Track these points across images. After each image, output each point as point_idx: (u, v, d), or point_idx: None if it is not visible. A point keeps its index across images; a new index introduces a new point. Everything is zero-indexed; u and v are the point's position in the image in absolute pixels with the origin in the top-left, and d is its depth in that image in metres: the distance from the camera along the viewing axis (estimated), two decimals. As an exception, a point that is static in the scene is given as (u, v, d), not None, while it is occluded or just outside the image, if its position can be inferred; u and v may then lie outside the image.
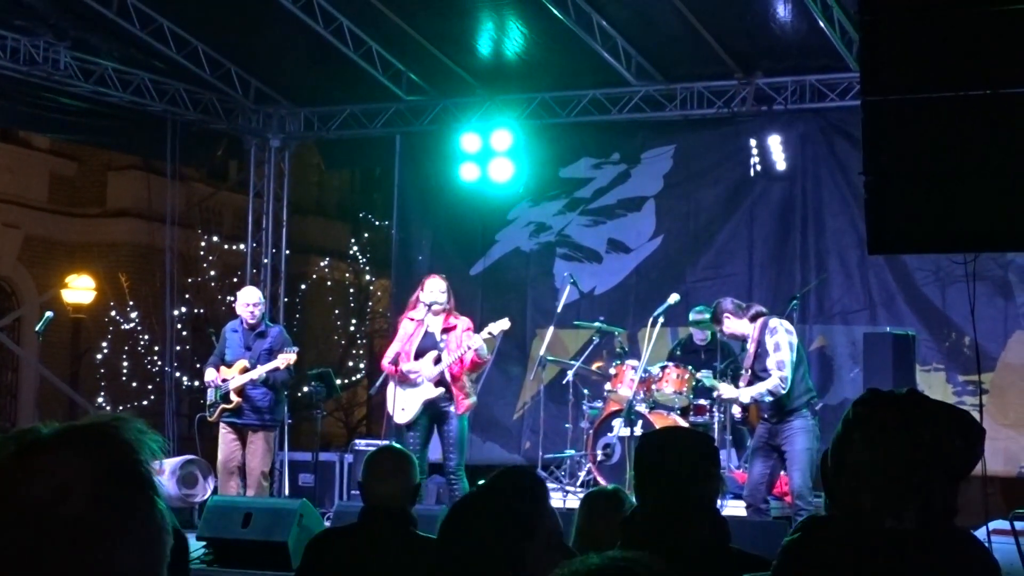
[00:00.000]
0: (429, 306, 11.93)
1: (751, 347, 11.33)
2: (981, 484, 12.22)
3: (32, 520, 1.59)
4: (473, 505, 3.69)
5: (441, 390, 11.81)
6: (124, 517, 1.64)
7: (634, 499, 4.78)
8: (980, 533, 9.42)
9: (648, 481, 4.54)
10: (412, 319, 12.10)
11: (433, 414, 11.91)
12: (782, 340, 11.12)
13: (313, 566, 5.80)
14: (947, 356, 15.13)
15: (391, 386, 12.12)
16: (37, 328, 14.47)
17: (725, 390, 11.78)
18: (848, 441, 2.99)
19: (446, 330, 11.94)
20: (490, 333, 11.93)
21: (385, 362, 12.18)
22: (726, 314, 11.44)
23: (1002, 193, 7.32)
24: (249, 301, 13.18)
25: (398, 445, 7.15)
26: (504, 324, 11.94)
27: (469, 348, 11.69)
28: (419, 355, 11.92)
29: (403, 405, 11.97)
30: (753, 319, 11.38)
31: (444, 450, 11.94)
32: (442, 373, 11.79)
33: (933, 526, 2.86)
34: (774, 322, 11.30)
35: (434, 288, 12.00)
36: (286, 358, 12.76)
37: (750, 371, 11.32)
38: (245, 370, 12.82)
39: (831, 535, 2.97)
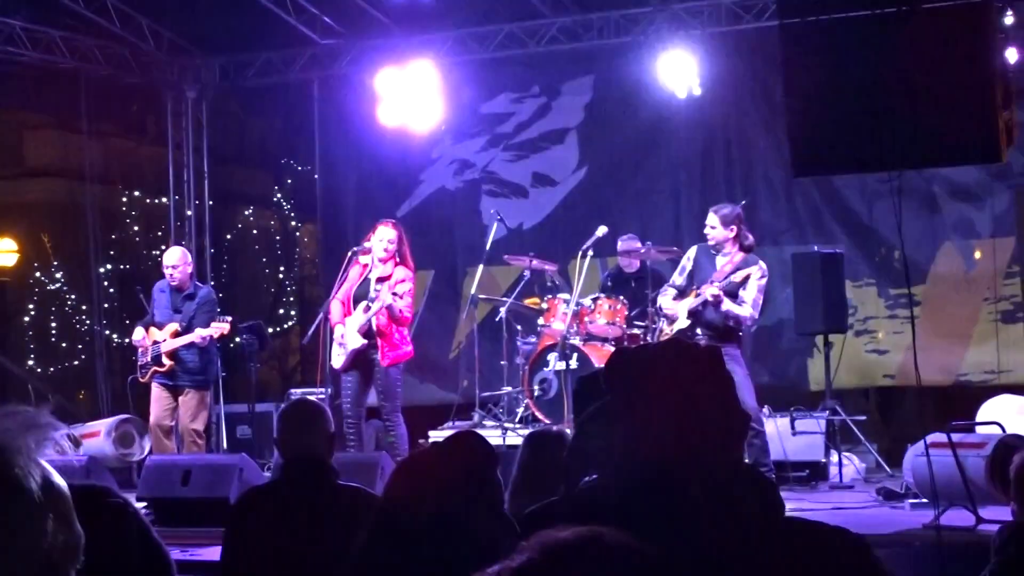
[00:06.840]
0: (368, 252, 11.81)
1: (729, 267, 11.49)
2: (916, 395, 12.35)
3: None
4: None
5: (367, 341, 11.68)
6: None
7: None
8: (918, 446, 9.47)
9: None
10: (361, 263, 11.94)
11: (363, 363, 11.80)
12: (761, 284, 11.49)
13: (240, 526, 5.77)
14: (878, 270, 15.20)
15: (338, 330, 11.99)
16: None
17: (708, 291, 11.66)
18: None
19: (381, 279, 11.71)
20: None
21: (332, 305, 12.04)
22: (736, 224, 11.64)
23: (922, 110, 7.32)
24: (168, 263, 12.81)
25: (310, 398, 7.15)
26: None
27: (379, 302, 11.56)
28: (356, 301, 11.77)
29: (337, 351, 11.89)
30: (746, 249, 11.66)
31: (377, 398, 11.87)
32: (369, 323, 11.66)
33: None
34: (763, 265, 11.61)
35: (382, 237, 11.73)
36: (219, 328, 12.46)
37: (722, 283, 11.47)
38: (177, 333, 12.55)
39: None
